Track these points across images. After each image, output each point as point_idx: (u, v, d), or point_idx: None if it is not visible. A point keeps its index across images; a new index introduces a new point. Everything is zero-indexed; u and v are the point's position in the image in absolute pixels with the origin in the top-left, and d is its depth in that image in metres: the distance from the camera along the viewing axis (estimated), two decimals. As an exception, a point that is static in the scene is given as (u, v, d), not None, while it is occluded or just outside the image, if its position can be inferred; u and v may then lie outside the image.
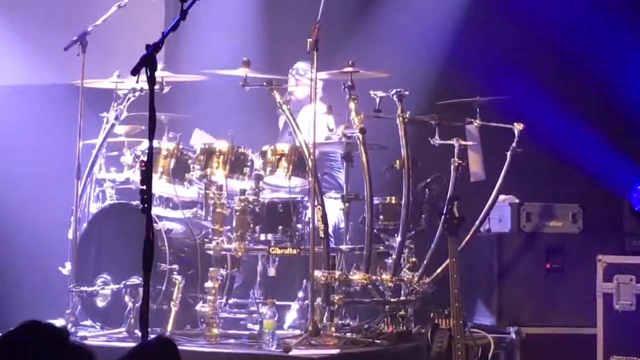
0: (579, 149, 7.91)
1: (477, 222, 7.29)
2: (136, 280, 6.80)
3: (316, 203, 6.80)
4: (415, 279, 7.05)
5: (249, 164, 7.29)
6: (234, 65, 7.20)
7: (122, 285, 6.95)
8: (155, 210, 7.38)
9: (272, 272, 7.18)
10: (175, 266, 7.09)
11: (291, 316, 7.32)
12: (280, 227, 7.16)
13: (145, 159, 4.12)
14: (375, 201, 7.17)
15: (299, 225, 7.16)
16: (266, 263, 7.24)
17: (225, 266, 7.16)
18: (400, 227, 7.04)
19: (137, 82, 4.15)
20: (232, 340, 6.86)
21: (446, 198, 6.66)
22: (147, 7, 7.92)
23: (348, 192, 7.17)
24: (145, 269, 3.91)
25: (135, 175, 7.36)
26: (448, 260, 6.47)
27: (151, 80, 4.04)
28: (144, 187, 3.93)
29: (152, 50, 4.01)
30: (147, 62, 3.96)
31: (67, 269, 7.32)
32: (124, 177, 7.57)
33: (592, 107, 8.04)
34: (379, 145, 7.22)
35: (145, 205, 3.89)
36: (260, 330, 6.66)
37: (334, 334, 6.72)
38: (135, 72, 3.99)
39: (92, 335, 6.98)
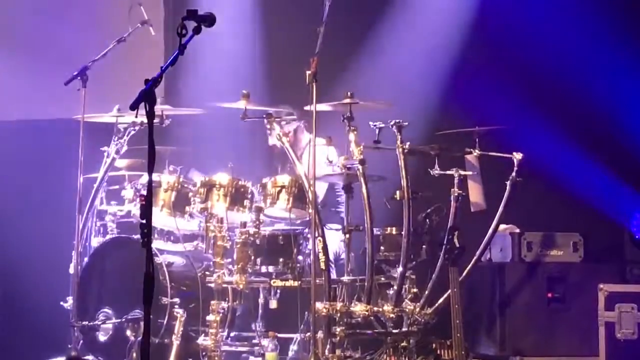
0: (579, 178, 7.92)
1: (478, 252, 7.28)
2: (138, 314, 6.80)
3: (317, 234, 6.80)
4: (417, 309, 7.02)
5: (249, 196, 7.30)
6: (234, 98, 7.23)
7: (123, 320, 6.95)
8: (156, 244, 7.39)
9: (273, 304, 7.17)
10: (177, 300, 7.09)
11: (293, 348, 7.30)
12: (281, 259, 7.16)
13: (145, 193, 4.13)
14: (376, 232, 7.17)
15: (300, 257, 7.16)
16: (267, 295, 7.24)
17: (227, 299, 7.16)
18: (401, 258, 7.03)
19: (136, 116, 4.17)
20: (234, 373, 6.86)
21: (447, 228, 6.66)
22: (147, 41, 7.95)
23: (349, 223, 7.17)
24: (146, 302, 3.91)
25: (136, 209, 7.37)
26: (449, 291, 6.47)
27: (150, 115, 4.06)
28: (144, 222, 3.94)
29: (151, 84, 4.04)
30: (146, 97, 3.98)
31: (68, 303, 7.32)
32: (125, 211, 7.58)
33: (592, 136, 8.05)
34: (379, 176, 7.23)
35: (146, 240, 3.90)
36: (262, 363, 6.65)
37: (336, 366, 6.71)
38: (134, 106, 4.01)
39: (94, 369, 6.98)
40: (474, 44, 8.39)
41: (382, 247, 7.28)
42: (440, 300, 7.03)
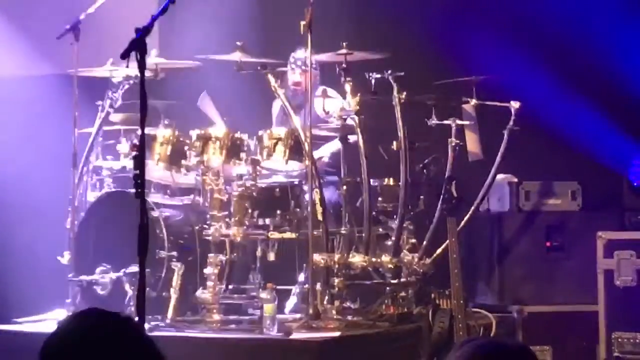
0: (577, 126, 7.88)
1: (476, 202, 7.27)
2: (136, 268, 6.78)
3: (314, 186, 6.77)
4: (415, 260, 7.02)
5: (245, 149, 7.26)
6: (228, 49, 7.17)
7: (121, 274, 6.94)
8: (153, 198, 7.37)
9: (271, 256, 7.15)
10: (174, 253, 7.08)
11: (292, 300, 7.29)
12: (278, 212, 7.14)
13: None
14: (373, 183, 7.14)
15: (297, 209, 7.14)
16: (265, 248, 7.22)
17: (225, 252, 7.15)
18: (399, 209, 7.02)
19: (127, 66, 4.13)
20: (232, 326, 6.85)
21: (444, 178, 6.64)
22: (140, -6, 7.89)
23: (346, 174, 7.15)
24: (140, 254, 3.89)
25: (131, 163, 7.32)
26: (448, 241, 6.47)
27: (141, 64, 4.02)
28: (137, 172, 3.91)
29: (142, 33, 3.99)
30: (137, 46, 3.94)
31: (65, 258, 7.30)
32: (121, 166, 7.54)
33: (589, 84, 7.99)
34: (375, 128, 7.19)
35: (139, 190, 3.87)
36: (261, 315, 6.64)
37: (334, 317, 6.71)
38: (124, 56, 3.97)
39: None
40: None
41: (379, 198, 7.25)
42: (439, 251, 7.03)
